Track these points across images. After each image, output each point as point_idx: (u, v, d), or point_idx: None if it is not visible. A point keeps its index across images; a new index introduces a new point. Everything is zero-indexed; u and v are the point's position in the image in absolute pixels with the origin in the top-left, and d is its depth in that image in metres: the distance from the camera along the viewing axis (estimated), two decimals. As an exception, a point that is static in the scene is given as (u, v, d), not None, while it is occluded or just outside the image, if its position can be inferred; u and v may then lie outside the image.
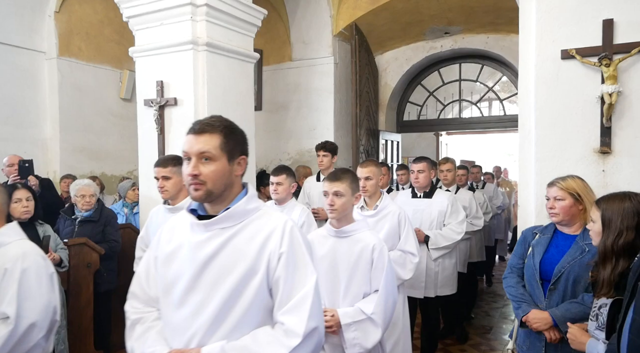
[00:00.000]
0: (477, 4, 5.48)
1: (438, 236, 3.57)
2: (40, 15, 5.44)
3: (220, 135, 1.36)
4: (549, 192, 2.27)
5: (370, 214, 2.95)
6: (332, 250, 2.26)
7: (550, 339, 2.15)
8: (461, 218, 3.63)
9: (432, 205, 3.62)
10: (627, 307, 1.53)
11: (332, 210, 2.21)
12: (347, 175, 2.26)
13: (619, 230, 1.73)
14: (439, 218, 3.61)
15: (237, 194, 1.44)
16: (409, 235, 2.90)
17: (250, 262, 1.35)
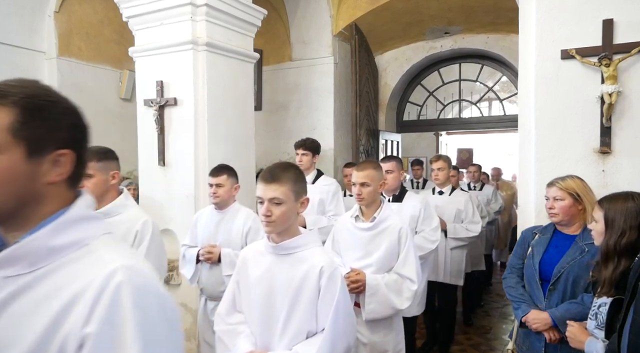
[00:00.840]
0: (477, 4, 5.48)
1: None
2: (40, 15, 5.44)
3: (12, 111, 0.81)
4: (548, 192, 2.28)
5: (365, 227, 2.49)
6: (269, 272, 1.75)
7: (550, 339, 2.15)
8: (435, 225, 3.29)
9: (403, 210, 3.27)
10: (628, 307, 1.54)
11: (268, 222, 1.69)
12: (288, 174, 1.71)
13: (622, 230, 1.73)
14: (411, 224, 3.19)
15: (47, 215, 0.84)
16: (409, 255, 2.45)
17: (33, 347, 0.76)
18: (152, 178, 3.96)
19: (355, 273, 2.41)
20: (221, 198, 2.92)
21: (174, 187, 3.84)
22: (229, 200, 2.99)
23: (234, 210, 2.99)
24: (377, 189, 2.50)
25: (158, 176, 3.86)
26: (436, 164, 4.08)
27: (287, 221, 1.72)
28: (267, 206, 1.67)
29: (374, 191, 2.48)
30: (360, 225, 2.52)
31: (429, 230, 3.27)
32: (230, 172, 3.00)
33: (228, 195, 2.95)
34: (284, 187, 1.67)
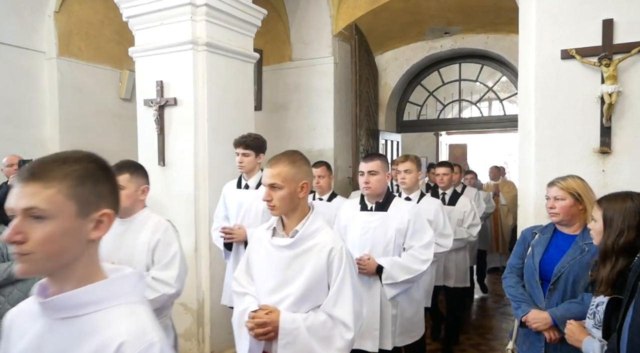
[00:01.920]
0: (477, 4, 5.48)
1: (395, 266, 2.61)
2: (40, 15, 5.44)
3: None
4: (549, 192, 2.28)
5: (283, 244, 1.84)
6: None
7: (550, 339, 2.15)
8: (427, 240, 2.69)
9: (387, 221, 2.68)
10: (627, 306, 1.54)
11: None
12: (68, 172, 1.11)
13: (620, 230, 1.74)
14: (397, 239, 2.67)
15: None
16: (343, 289, 1.78)
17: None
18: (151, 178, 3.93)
19: (265, 312, 1.80)
20: (123, 204, 2.13)
21: (173, 187, 3.84)
22: (133, 207, 2.32)
23: (143, 219, 2.34)
24: (294, 194, 1.80)
25: (158, 176, 3.86)
26: (403, 164, 3.50)
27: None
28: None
29: (289, 195, 1.80)
30: (277, 241, 1.86)
31: (419, 246, 2.66)
32: (133, 170, 2.34)
33: (131, 200, 2.29)
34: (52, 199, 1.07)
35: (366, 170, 2.68)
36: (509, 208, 6.89)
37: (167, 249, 2.29)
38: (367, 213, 2.74)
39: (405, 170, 3.46)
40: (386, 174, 2.71)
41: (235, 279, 2.05)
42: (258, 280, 1.94)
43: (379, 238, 2.67)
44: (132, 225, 2.31)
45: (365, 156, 2.81)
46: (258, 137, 3.32)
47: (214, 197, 3.73)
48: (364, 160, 2.73)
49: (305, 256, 1.81)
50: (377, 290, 2.64)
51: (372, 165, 2.67)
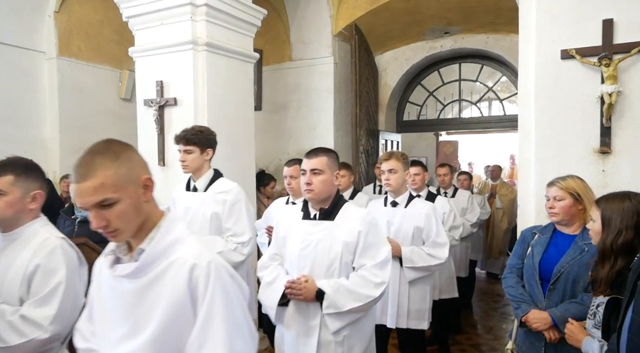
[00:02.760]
0: (477, 4, 5.48)
1: (340, 291, 2.10)
2: (40, 15, 5.44)
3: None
4: (548, 192, 2.28)
5: (124, 273, 1.26)
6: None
7: (550, 339, 2.15)
8: (382, 258, 2.15)
9: (334, 233, 2.16)
10: (627, 306, 1.54)
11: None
12: None
13: (618, 230, 1.74)
14: (345, 256, 2.14)
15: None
16: (210, 326, 1.20)
17: None
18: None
19: None
20: (1, 215, 1.78)
21: (173, 187, 3.83)
22: (18, 218, 1.82)
23: (26, 237, 1.82)
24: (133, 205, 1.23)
25: (158, 176, 3.84)
26: (387, 163, 2.96)
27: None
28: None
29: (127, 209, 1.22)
30: (119, 269, 1.27)
31: (372, 266, 2.12)
32: (20, 172, 1.81)
33: (14, 209, 1.79)
34: None
35: (308, 168, 2.13)
36: (505, 211, 6.53)
37: (47, 279, 1.73)
38: (310, 223, 2.19)
39: (389, 169, 2.93)
40: (335, 174, 2.17)
41: (78, 331, 1.46)
42: (100, 330, 1.38)
43: (321, 254, 2.12)
44: (12, 243, 1.82)
45: (309, 151, 2.21)
46: (202, 129, 2.85)
47: (214, 197, 3.72)
48: (306, 156, 2.19)
49: (157, 285, 1.23)
50: (317, 322, 2.12)
51: (315, 162, 2.14)
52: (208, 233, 2.81)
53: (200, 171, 2.87)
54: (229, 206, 2.80)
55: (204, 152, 2.84)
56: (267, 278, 2.25)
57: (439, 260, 2.90)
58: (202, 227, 2.80)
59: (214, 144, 2.92)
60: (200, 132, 2.83)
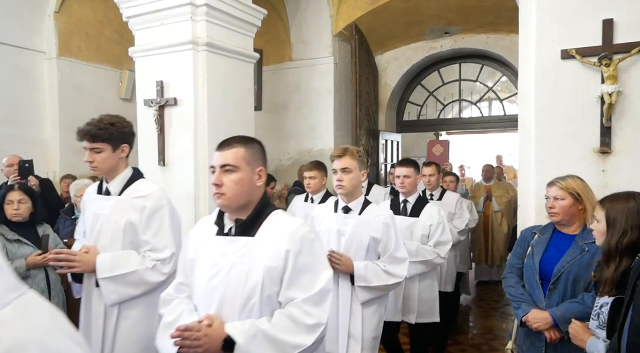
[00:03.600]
0: (477, 4, 5.48)
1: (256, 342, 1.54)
2: (40, 15, 5.44)
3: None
4: (548, 192, 2.28)
5: None
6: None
7: (551, 339, 2.15)
8: (318, 289, 1.59)
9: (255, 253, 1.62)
10: (628, 306, 1.54)
11: None
12: None
13: (623, 230, 1.74)
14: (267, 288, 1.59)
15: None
16: None
17: None
18: (152, 178, 3.95)
19: None
20: None
21: (173, 187, 3.84)
22: None
23: None
24: None
25: (158, 176, 3.86)
26: (340, 161, 2.46)
27: None
28: None
29: None
30: None
31: (304, 300, 1.55)
32: None
33: None
34: None
35: (217, 165, 1.61)
36: (503, 214, 6.08)
37: None
38: (223, 241, 1.63)
39: (343, 168, 2.44)
40: (257, 171, 1.63)
41: None
42: None
43: (235, 285, 1.56)
44: None
45: (221, 141, 1.69)
46: (114, 121, 2.27)
47: (214, 197, 3.73)
48: (217, 148, 1.66)
49: None
50: None
51: (228, 156, 1.60)
52: (121, 247, 2.22)
53: (115, 171, 2.30)
54: (148, 214, 2.22)
55: (118, 149, 2.26)
56: (168, 317, 1.67)
57: (397, 279, 2.46)
58: (113, 239, 2.21)
59: (130, 137, 2.35)
60: (110, 125, 2.24)
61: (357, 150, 2.54)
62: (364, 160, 2.55)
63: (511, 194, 6.08)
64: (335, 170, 2.48)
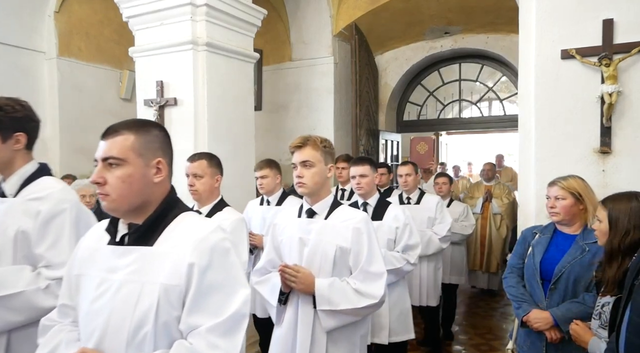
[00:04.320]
0: (477, 4, 5.48)
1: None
2: (40, 15, 5.44)
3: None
4: (549, 191, 2.28)
5: None
6: None
7: (551, 339, 2.15)
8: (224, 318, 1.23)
9: (148, 272, 1.27)
10: (625, 305, 1.54)
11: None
12: None
13: (626, 230, 1.74)
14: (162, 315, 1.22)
15: None
16: None
17: None
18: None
19: None
20: None
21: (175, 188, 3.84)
22: None
23: None
24: None
25: (158, 176, 3.85)
26: (300, 153, 2.07)
27: None
28: None
29: None
30: None
31: (209, 328, 1.22)
32: None
33: None
34: None
35: (99, 158, 1.27)
36: (504, 217, 5.64)
37: None
38: (114, 252, 1.29)
39: (303, 161, 2.04)
40: (154, 164, 1.29)
41: None
42: None
43: (122, 310, 1.22)
44: None
45: (105, 129, 1.31)
46: (1, 105, 1.82)
47: (214, 197, 3.72)
48: (102, 136, 1.31)
49: None
50: None
51: (112, 146, 1.25)
52: (11, 262, 1.76)
53: (10, 167, 1.84)
54: (43, 221, 1.76)
55: (10, 139, 1.79)
56: (42, 350, 1.34)
57: (370, 300, 1.98)
58: (1, 251, 1.76)
59: (27, 124, 1.87)
60: (6, 112, 1.78)
61: (321, 139, 2.09)
62: (330, 151, 2.11)
63: (512, 196, 5.77)
64: (295, 165, 2.06)
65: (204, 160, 2.55)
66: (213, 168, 2.60)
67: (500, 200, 5.67)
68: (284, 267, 2.00)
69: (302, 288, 1.98)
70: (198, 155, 2.60)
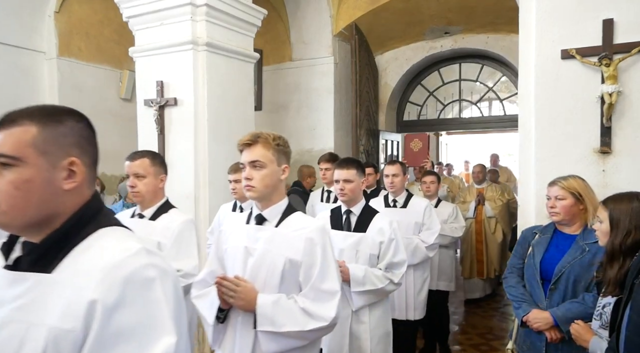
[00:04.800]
0: (477, 4, 5.48)
1: None
2: (40, 15, 5.44)
3: None
4: (550, 191, 2.28)
5: None
6: None
7: (551, 339, 2.15)
8: None
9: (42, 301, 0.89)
10: (625, 305, 1.54)
11: None
12: None
13: (627, 230, 1.74)
14: None
15: None
16: None
17: None
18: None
19: None
20: None
21: (173, 187, 3.83)
22: None
23: None
24: None
25: (158, 176, 3.85)
26: (248, 152, 1.82)
27: None
28: None
29: None
30: None
31: None
32: None
33: None
34: None
35: None
36: (498, 220, 5.37)
37: None
38: (3, 279, 0.97)
39: (252, 161, 1.78)
40: (64, 165, 0.97)
41: None
42: None
43: None
44: None
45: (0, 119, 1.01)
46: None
47: (214, 197, 3.73)
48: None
49: None
50: None
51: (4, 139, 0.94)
52: None
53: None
54: None
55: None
56: None
57: (320, 322, 1.71)
58: None
59: None
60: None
61: (274, 136, 1.81)
62: (285, 150, 1.85)
63: (507, 197, 5.46)
64: (243, 165, 1.82)
65: (146, 159, 2.36)
66: (156, 167, 2.41)
67: (494, 202, 5.38)
68: (221, 279, 1.71)
69: (242, 305, 1.70)
70: (139, 153, 2.40)
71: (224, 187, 3.70)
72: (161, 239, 2.31)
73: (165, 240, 2.31)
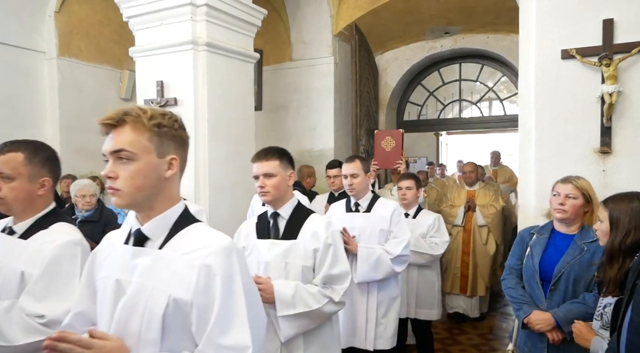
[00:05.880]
0: (477, 4, 5.48)
1: None
2: (40, 15, 5.44)
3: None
4: (560, 188, 2.23)
5: None
6: None
7: (553, 340, 2.14)
8: None
9: None
10: (627, 305, 1.54)
11: None
12: None
13: (627, 230, 1.74)
14: None
15: None
16: None
17: None
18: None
19: None
20: None
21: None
22: None
23: None
24: None
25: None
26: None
27: None
28: None
29: None
30: None
31: None
32: None
33: None
34: None
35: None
36: (490, 229, 4.66)
37: None
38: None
39: (114, 151, 1.23)
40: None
41: None
42: None
43: None
44: None
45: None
46: None
47: (214, 196, 3.73)
48: None
49: None
50: None
51: None
52: None
53: None
54: None
55: None
56: None
57: None
58: None
59: None
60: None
61: (154, 113, 1.25)
62: (177, 134, 1.30)
63: (501, 203, 4.72)
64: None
65: (20, 153, 1.62)
66: (33, 166, 1.66)
67: (487, 208, 4.64)
68: (59, 336, 1.10)
69: None
70: (8, 146, 1.63)
71: (224, 187, 3.70)
72: (26, 268, 1.59)
73: (33, 270, 1.58)
